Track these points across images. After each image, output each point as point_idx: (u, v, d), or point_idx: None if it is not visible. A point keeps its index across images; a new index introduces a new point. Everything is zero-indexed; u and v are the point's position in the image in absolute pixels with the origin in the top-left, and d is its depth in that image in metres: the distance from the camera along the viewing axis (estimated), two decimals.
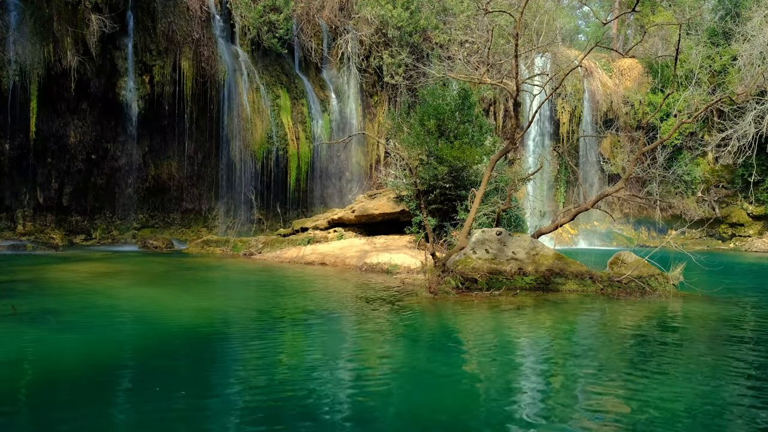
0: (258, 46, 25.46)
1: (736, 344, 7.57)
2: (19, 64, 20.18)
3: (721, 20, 29.81)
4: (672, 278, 11.91)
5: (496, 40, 25.61)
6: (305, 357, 6.54)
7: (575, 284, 11.73)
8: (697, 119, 25.86)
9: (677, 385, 5.60)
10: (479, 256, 12.05)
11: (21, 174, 21.77)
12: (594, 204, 13.51)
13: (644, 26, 32.50)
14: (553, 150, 30.40)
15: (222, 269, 15.78)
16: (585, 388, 5.57)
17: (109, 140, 23.17)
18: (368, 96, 28.16)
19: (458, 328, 8.48)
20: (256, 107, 24.54)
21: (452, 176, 16.96)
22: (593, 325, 9.00)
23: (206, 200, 25.31)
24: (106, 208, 23.76)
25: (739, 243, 29.28)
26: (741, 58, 27.42)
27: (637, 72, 31.62)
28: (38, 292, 10.61)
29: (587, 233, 30.54)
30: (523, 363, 6.67)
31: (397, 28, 26.57)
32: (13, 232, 21.60)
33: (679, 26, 14.76)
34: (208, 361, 6.49)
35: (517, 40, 11.52)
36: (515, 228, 16.32)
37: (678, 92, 26.71)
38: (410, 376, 5.93)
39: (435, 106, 17.78)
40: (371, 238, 18.89)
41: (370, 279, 13.59)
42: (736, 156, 27.99)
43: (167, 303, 10.13)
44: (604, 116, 30.99)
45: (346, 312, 9.52)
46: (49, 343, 6.93)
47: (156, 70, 22.78)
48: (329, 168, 26.85)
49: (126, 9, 22.15)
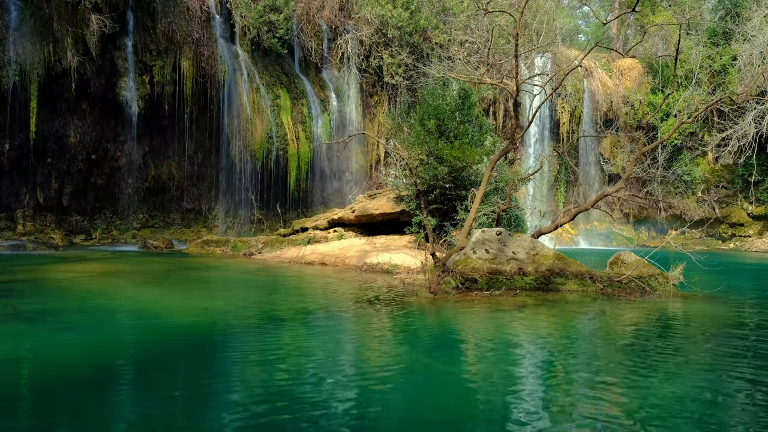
0: (258, 46, 25.47)
1: (736, 344, 7.57)
2: (19, 64, 20.19)
3: (721, 20, 29.82)
4: (672, 278, 11.91)
5: (496, 40, 25.61)
6: (305, 357, 6.54)
7: (575, 284, 11.73)
8: (697, 119, 25.88)
9: (677, 385, 5.60)
10: (479, 256, 12.05)
11: (21, 174, 21.77)
12: (594, 204, 13.51)
13: (644, 26, 32.51)
14: (553, 150, 30.41)
15: (222, 269, 15.78)
16: (585, 388, 5.57)
17: (109, 140, 23.18)
18: (368, 96, 28.16)
19: (458, 328, 8.47)
20: (256, 107, 24.55)
21: (452, 176, 16.96)
22: (593, 325, 9.00)
23: (206, 200, 25.32)
24: (106, 208, 23.77)
25: (739, 243, 29.28)
26: (741, 58, 27.43)
27: (637, 72, 31.63)
28: (38, 292, 10.60)
29: (587, 233, 30.54)
30: (523, 363, 6.67)
31: (397, 28, 26.58)
32: (13, 232, 21.61)
33: (679, 26, 14.75)
34: (208, 361, 6.49)
35: (517, 40, 11.52)
36: (515, 228, 16.32)
37: (678, 92, 26.72)
38: (410, 376, 5.93)
39: (435, 106, 17.78)
40: (371, 238, 18.89)
41: (370, 279, 13.59)
42: (736, 156, 27.99)
43: (167, 303, 10.13)
44: (604, 116, 30.99)
45: (346, 312, 9.52)
46: (49, 343, 6.93)
47: (156, 70, 22.78)
48: (329, 168, 26.86)
49: (126, 9, 22.16)
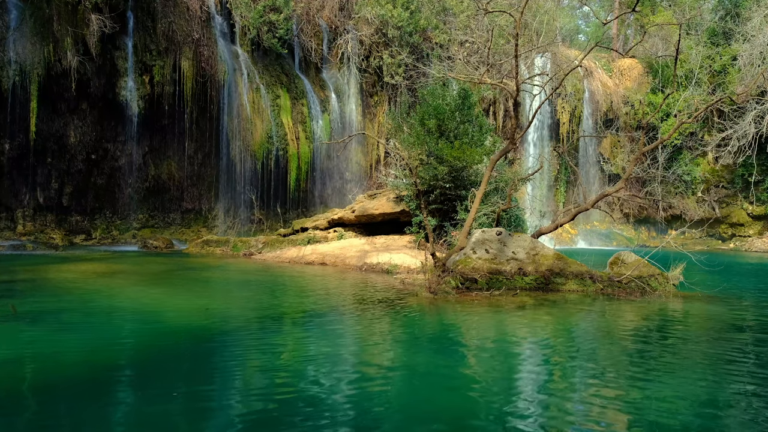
0: (258, 46, 25.47)
1: (736, 344, 7.57)
2: (19, 64, 20.18)
3: (721, 20, 29.83)
4: (672, 278, 11.91)
5: (496, 40, 25.61)
6: (305, 357, 6.54)
7: (575, 284, 11.73)
8: (697, 119, 25.86)
9: (677, 385, 5.60)
10: (479, 256, 12.05)
11: (21, 174, 21.77)
12: (594, 204, 13.51)
13: (644, 26, 32.51)
14: (553, 150, 30.41)
15: (222, 269, 15.78)
16: (585, 388, 5.57)
17: (109, 140, 23.18)
18: (368, 96, 28.16)
19: (458, 328, 8.47)
20: (256, 107, 24.55)
21: (452, 176, 16.96)
22: (593, 325, 9.00)
23: (206, 200, 25.32)
24: (106, 208, 23.77)
25: (739, 243, 29.28)
26: (741, 58, 27.44)
27: (637, 72, 31.64)
28: (38, 292, 10.60)
29: (587, 233, 30.54)
30: (523, 363, 6.67)
31: (397, 28, 26.58)
32: (13, 232, 21.61)
33: (679, 26, 14.74)
34: (208, 361, 6.49)
35: (517, 40, 11.52)
36: (515, 228, 16.32)
37: (678, 92, 26.71)
38: (410, 376, 5.93)
39: (435, 106, 17.79)
40: (371, 238, 18.89)
41: (370, 279, 13.59)
42: (736, 156, 27.99)
43: (167, 303, 10.13)
44: (604, 116, 31.00)
45: (346, 312, 9.52)
46: (49, 343, 6.93)
47: (156, 70, 22.78)
48: (329, 168, 26.86)
49: (126, 9, 22.16)
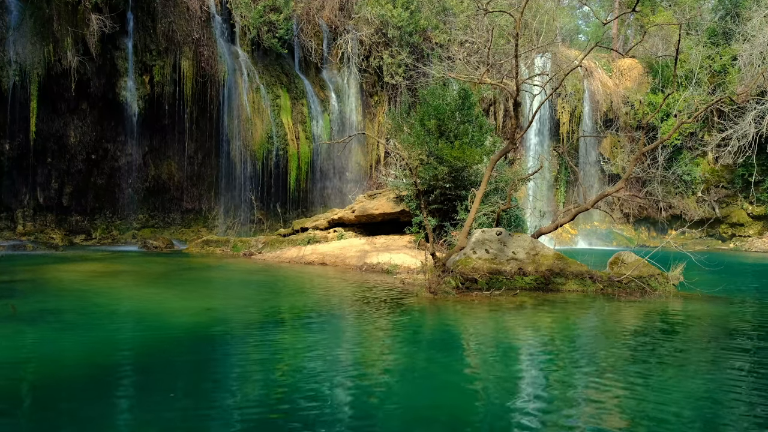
0: (258, 46, 25.46)
1: (736, 344, 7.57)
2: (19, 64, 20.18)
3: (721, 20, 29.82)
4: (672, 278, 11.91)
5: (496, 40, 25.60)
6: (305, 357, 6.54)
7: (575, 284, 11.73)
8: (697, 119, 25.87)
9: (677, 385, 5.60)
10: (479, 256, 12.04)
11: (21, 174, 21.76)
12: (594, 204, 13.52)
13: (644, 26, 32.49)
14: (553, 150, 30.41)
15: (222, 269, 15.78)
16: (585, 387, 5.57)
17: (109, 140, 23.17)
18: (368, 96, 28.16)
19: (458, 328, 8.47)
20: (256, 107, 24.54)
21: (452, 176, 16.96)
22: (593, 325, 9.00)
23: (206, 200, 25.32)
24: (106, 208, 23.76)
25: (739, 243, 29.27)
26: (741, 58, 27.43)
27: (637, 72, 31.63)
28: (38, 292, 10.60)
29: (587, 233, 30.54)
30: (522, 363, 6.67)
31: (397, 28, 26.58)
32: (13, 232, 21.60)
33: (679, 26, 14.74)
34: (208, 361, 6.49)
35: (517, 40, 11.52)
36: (515, 228, 16.32)
37: (678, 92, 26.70)
38: (410, 376, 5.93)
39: (435, 106, 17.79)
40: (371, 238, 18.89)
41: (370, 279, 13.59)
42: (736, 156, 27.97)
43: (167, 303, 10.13)
44: (604, 116, 30.99)
45: (346, 312, 9.52)
46: (49, 343, 6.93)
47: (156, 70, 22.77)
48: (329, 168, 26.86)
49: (126, 9, 22.14)
